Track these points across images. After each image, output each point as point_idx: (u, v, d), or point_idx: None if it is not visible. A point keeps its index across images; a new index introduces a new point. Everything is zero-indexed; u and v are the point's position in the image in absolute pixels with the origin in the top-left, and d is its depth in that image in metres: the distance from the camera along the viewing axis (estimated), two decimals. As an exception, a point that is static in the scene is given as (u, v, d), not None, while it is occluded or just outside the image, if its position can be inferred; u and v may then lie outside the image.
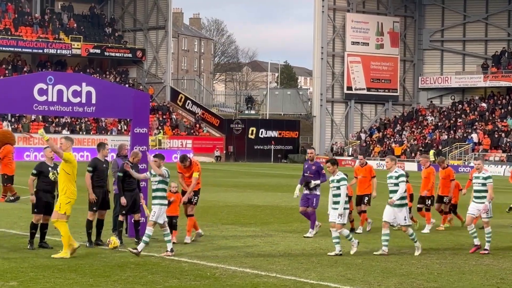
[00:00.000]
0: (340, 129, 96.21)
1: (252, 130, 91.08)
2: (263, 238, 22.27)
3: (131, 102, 22.16)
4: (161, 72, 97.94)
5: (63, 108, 21.32)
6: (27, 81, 21.23)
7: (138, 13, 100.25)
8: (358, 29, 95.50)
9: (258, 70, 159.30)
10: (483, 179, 20.40)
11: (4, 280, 15.16)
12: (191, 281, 15.71)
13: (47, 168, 19.78)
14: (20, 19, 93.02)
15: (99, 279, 15.56)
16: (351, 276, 16.66)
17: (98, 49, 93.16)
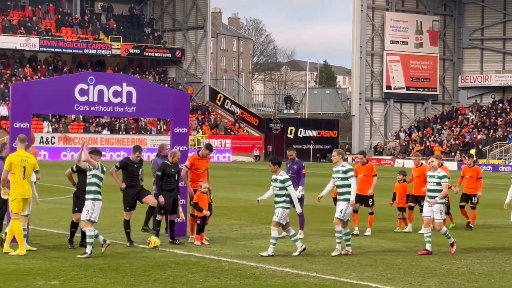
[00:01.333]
0: (379, 128, 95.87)
1: (291, 129, 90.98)
2: (302, 238, 22.26)
3: (171, 102, 22.23)
4: (200, 72, 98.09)
5: (103, 108, 21.45)
6: (68, 82, 21.39)
7: (177, 13, 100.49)
8: (397, 28, 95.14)
9: (297, 69, 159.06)
10: (438, 178, 19.86)
11: (46, 279, 15.27)
12: (231, 280, 15.73)
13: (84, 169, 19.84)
14: (61, 20, 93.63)
15: (139, 278, 15.63)
16: (391, 276, 16.60)
17: (138, 49, 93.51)
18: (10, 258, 17.71)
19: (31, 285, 14.72)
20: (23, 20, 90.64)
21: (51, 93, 20.82)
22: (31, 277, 15.50)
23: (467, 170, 26.28)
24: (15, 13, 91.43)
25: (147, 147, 71.26)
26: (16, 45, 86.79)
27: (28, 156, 18.62)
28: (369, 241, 21.86)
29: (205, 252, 19.24)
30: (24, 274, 15.76)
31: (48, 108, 22.61)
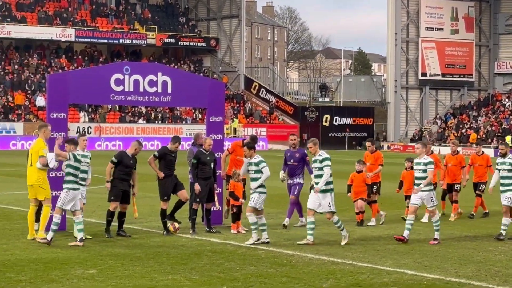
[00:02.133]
0: (415, 115, 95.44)
1: (326, 117, 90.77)
2: (370, 225, 22.36)
3: (207, 91, 22.30)
4: (235, 61, 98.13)
5: (139, 98, 21.56)
6: (104, 72, 21.51)
7: (212, 2, 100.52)
8: (432, 15, 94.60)
9: (332, 57, 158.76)
10: (424, 165, 19.47)
11: (84, 268, 15.40)
12: (268, 268, 15.77)
13: (128, 158, 19.98)
14: (96, 10, 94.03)
15: (176, 267, 15.71)
16: (427, 263, 16.57)
17: (173, 39, 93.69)
18: (49, 248, 17.86)
19: (70, 273, 14.85)
20: (58, 11, 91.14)
21: (87, 83, 20.95)
22: (70, 266, 15.64)
23: (476, 158, 25.79)
24: (50, 4, 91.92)
25: (183, 136, 71.29)
26: (52, 36, 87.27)
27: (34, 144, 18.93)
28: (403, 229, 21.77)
29: (242, 241, 19.30)
30: (62, 263, 15.90)
31: (84, 98, 22.76)
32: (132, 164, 20.04)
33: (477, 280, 14.90)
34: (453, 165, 24.63)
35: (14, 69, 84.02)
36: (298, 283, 14.31)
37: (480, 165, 25.46)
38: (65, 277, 14.53)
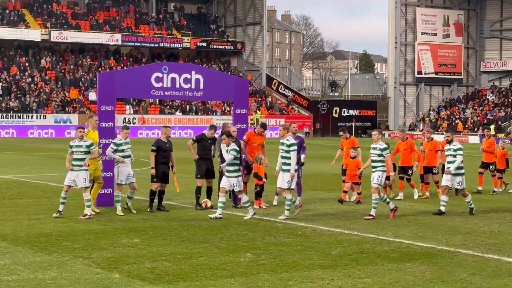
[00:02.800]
0: (412, 108, 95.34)
1: (335, 109, 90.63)
2: (346, 202, 22.20)
3: (233, 87, 22.27)
4: (258, 61, 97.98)
5: (175, 93, 21.54)
6: (145, 71, 21.51)
7: (238, 11, 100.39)
8: (427, 21, 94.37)
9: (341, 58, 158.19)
10: (379, 150, 19.00)
11: (129, 238, 15.43)
12: (285, 238, 15.76)
13: (164, 144, 19.98)
14: (140, 18, 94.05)
15: (207, 237, 15.72)
16: (422, 234, 16.51)
17: (205, 43, 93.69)
18: (99, 220, 17.92)
19: (117, 242, 14.88)
20: (107, 19, 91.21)
21: (131, 81, 20.97)
22: (116, 236, 15.68)
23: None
24: (101, 13, 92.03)
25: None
26: (102, 41, 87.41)
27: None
28: (403, 204, 21.71)
29: (263, 214, 19.28)
30: (110, 233, 15.95)
31: (129, 93, 22.75)
32: (169, 148, 20.02)
33: (464, 248, 14.83)
34: (428, 150, 23.92)
35: (70, 69, 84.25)
36: (311, 251, 14.29)
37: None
38: (112, 245, 14.56)
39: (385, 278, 11.98)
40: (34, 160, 39.01)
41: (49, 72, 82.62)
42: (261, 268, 12.57)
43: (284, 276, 11.97)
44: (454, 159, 19.71)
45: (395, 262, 13.26)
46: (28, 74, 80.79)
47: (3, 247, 14.14)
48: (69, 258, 13.15)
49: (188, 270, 12.34)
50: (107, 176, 19.95)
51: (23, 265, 12.52)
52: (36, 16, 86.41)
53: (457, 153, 19.62)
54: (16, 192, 23.61)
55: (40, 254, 13.48)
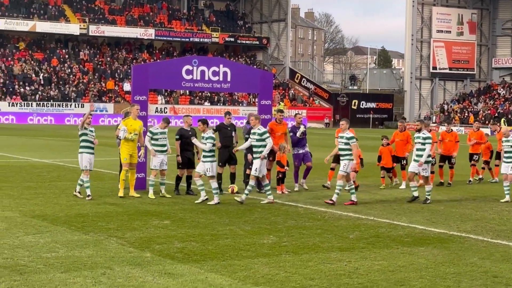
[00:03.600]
0: (427, 101, 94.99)
1: (354, 102, 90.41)
2: (362, 189, 22.15)
3: (258, 80, 22.25)
4: (282, 56, 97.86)
5: (204, 85, 21.57)
6: (177, 64, 21.54)
7: (264, 8, 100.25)
8: (442, 20, 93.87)
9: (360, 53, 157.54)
10: (346, 139, 18.53)
11: (159, 219, 15.49)
12: (305, 222, 15.75)
13: (187, 132, 19.96)
14: (172, 14, 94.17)
15: (233, 220, 15.75)
16: (434, 220, 16.44)
17: (232, 38, 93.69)
18: (132, 203, 18.00)
19: (148, 223, 14.95)
20: (142, 14, 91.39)
21: (163, 73, 21.02)
22: (148, 217, 15.75)
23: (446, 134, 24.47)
24: (136, 9, 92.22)
25: (239, 116, 71.54)
26: (136, 35, 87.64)
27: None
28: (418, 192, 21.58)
29: (285, 200, 19.28)
30: (142, 215, 16.01)
31: (161, 84, 22.79)
32: (191, 135, 19.96)
33: (474, 234, 14.75)
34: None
35: (107, 61, 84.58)
36: (329, 234, 14.27)
37: (450, 141, 24.22)
38: (144, 226, 14.62)
39: (399, 260, 11.95)
40: (72, 146, 39.24)
41: (87, 64, 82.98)
42: (283, 250, 12.58)
43: (304, 258, 11.98)
44: (423, 147, 19.17)
45: (409, 246, 13.22)
46: (68, 65, 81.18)
47: (43, 226, 14.25)
48: (104, 238, 13.23)
49: (214, 250, 12.37)
50: (140, 161, 20.01)
51: (61, 243, 12.61)
52: (76, 11, 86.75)
53: (425, 142, 19.08)
54: (56, 175, 23.77)
55: (77, 233, 13.57)
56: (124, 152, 19.08)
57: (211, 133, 18.65)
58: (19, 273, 10.41)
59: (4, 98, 71.93)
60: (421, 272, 11.15)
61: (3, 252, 11.69)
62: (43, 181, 22.17)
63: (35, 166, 26.83)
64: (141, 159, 19.91)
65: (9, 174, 23.76)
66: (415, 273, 11.08)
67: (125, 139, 18.96)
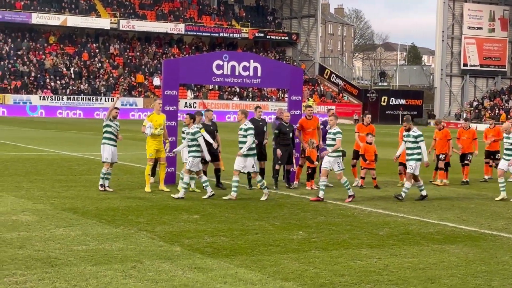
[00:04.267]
0: (457, 98, 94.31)
1: (384, 98, 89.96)
2: (393, 186, 22.04)
3: (289, 76, 22.22)
4: (311, 52, 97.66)
5: (235, 80, 21.57)
6: (207, 59, 21.58)
7: (294, 4, 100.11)
8: (473, 16, 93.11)
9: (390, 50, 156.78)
10: (333, 134, 18.21)
11: (189, 214, 15.53)
12: (335, 218, 15.70)
13: (208, 126, 19.89)
14: (202, 10, 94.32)
15: (262, 215, 15.73)
16: (465, 218, 16.32)
17: (262, 33, 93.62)
18: (161, 197, 18.06)
19: (178, 218, 14.99)
20: (172, 9, 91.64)
21: (194, 67, 21.06)
22: (178, 212, 15.79)
23: (463, 132, 24.02)
24: (166, 4, 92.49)
25: (269, 111, 71.47)
26: (166, 30, 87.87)
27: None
28: (448, 190, 21.49)
29: (315, 195, 19.22)
30: (172, 210, 16.06)
31: (192, 79, 22.81)
32: (213, 130, 19.91)
33: (506, 232, 14.62)
34: (439, 139, 22.96)
35: (137, 56, 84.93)
36: (359, 230, 14.22)
37: (468, 138, 23.79)
38: (174, 220, 14.66)
39: (430, 258, 11.88)
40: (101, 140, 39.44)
41: (117, 58, 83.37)
42: (312, 246, 12.55)
43: (334, 254, 11.94)
44: (416, 145, 18.74)
45: (439, 244, 13.14)
46: (98, 59, 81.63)
47: (74, 219, 14.35)
48: (135, 231, 13.28)
49: (244, 245, 12.38)
50: (170, 155, 20.05)
51: (92, 236, 12.68)
52: (106, 6, 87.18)
53: (418, 140, 18.70)
54: (86, 169, 23.91)
55: (108, 227, 13.64)
56: (150, 147, 19.13)
57: (196, 129, 18.31)
58: (50, 265, 10.49)
59: (35, 92, 72.49)
60: (452, 270, 11.08)
61: (35, 245, 11.79)
62: (73, 174, 22.32)
63: (65, 159, 27.02)
64: (168, 153, 19.88)
65: (40, 167, 23.95)
66: (445, 271, 11.01)
67: (152, 135, 19.02)
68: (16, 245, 11.69)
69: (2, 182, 19.70)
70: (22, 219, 14.14)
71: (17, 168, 23.36)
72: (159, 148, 19.19)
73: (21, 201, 16.41)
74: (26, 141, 35.41)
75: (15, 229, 13.09)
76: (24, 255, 11.06)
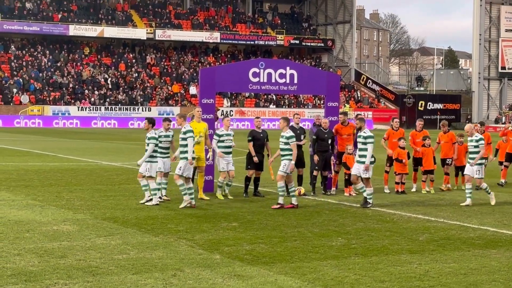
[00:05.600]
0: (495, 102, 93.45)
1: (421, 103, 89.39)
2: (432, 191, 21.89)
3: (325, 82, 22.19)
4: (347, 58, 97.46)
5: (271, 87, 21.58)
6: (243, 67, 21.63)
7: (329, 10, 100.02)
8: (510, 19, 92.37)
9: (426, 54, 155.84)
10: (286, 138, 17.66)
11: (228, 222, 15.55)
12: (374, 224, 15.63)
13: (258, 134, 20.02)
14: (237, 18, 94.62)
15: (301, 222, 15.71)
16: (506, 222, 16.14)
17: (297, 40, 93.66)
18: (200, 205, 18.10)
19: (217, 225, 15.02)
20: (207, 18, 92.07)
21: (231, 76, 21.12)
22: (217, 219, 15.82)
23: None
24: (201, 13, 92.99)
25: (305, 118, 71.39)
26: (202, 38, 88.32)
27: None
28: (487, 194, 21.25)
29: (353, 201, 19.17)
30: (211, 218, 16.10)
31: (228, 87, 22.88)
32: (263, 137, 20.00)
33: (548, 237, 14.43)
34: (445, 142, 22.69)
35: (173, 65, 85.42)
36: (399, 236, 14.13)
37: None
38: (213, 228, 14.70)
39: (471, 263, 11.76)
40: (139, 149, 39.71)
41: (153, 68, 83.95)
42: (352, 252, 12.50)
43: (374, 260, 11.88)
44: (364, 146, 18.28)
45: (480, 249, 13.01)
46: (135, 69, 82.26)
47: (114, 228, 14.45)
48: (174, 240, 13.34)
49: (283, 252, 12.36)
50: (207, 164, 20.13)
51: (132, 245, 12.76)
52: (142, 16, 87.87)
53: (367, 141, 18.18)
54: (125, 178, 24.08)
55: (147, 236, 13.71)
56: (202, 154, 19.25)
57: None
58: (91, 274, 10.58)
59: (73, 103, 73.23)
60: (494, 275, 10.96)
61: (76, 254, 11.90)
62: (112, 184, 22.49)
63: (104, 169, 27.23)
64: (209, 162, 20.01)
65: (80, 177, 24.18)
66: (487, 276, 10.89)
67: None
68: (58, 255, 11.81)
69: (43, 192, 19.92)
70: (63, 229, 14.28)
71: (57, 178, 23.61)
72: (199, 157, 19.26)
73: (61, 211, 16.58)
74: (65, 151, 35.77)
75: (56, 238, 13.23)
76: (66, 264, 11.16)
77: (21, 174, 24.68)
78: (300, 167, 20.53)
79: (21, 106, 70.95)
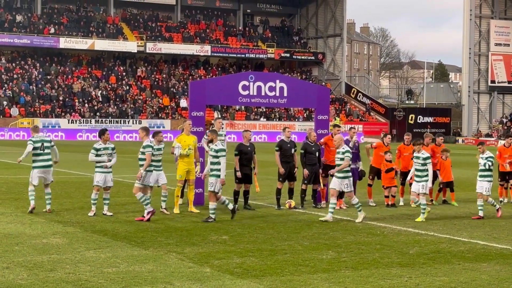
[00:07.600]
0: (485, 115, 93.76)
1: (411, 116, 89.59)
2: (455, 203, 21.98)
3: (315, 95, 22.20)
4: (338, 71, 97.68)
5: (261, 100, 21.58)
6: (233, 80, 21.64)
7: (319, 24, 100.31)
8: (500, 33, 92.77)
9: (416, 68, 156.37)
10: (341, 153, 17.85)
11: (218, 235, 15.52)
12: (364, 237, 15.62)
13: (246, 147, 20.00)
14: (228, 31, 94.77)
15: (291, 235, 15.70)
16: (496, 236, 16.16)
17: (288, 54, 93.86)
18: (190, 219, 18.07)
19: (207, 238, 14.98)
20: (198, 31, 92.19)
21: (220, 88, 21.12)
22: (207, 232, 15.79)
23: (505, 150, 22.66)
24: (192, 26, 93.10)
25: (295, 131, 71.42)
26: (193, 52, 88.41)
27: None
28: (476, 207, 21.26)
29: (343, 215, 19.16)
30: (201, 230, 16.07)
31: (218, 100, 22.86)
32: (250, 151, 20.01)
33: (538, 250, 14.45)
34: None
35: (163, 78, 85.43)
36: (389, 249, 14.13)
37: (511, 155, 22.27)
38: (203, 241, 14.67)
39: (461, 276, 11.77)
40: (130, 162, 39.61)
41: (144, 81, 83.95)
42: (342, 265, 12.49)
43: (364, 273, 11.87)
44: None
45: (470, 262, 13.01)
46: (125, 82, 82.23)
47: (104, 241, 14.40)
48: (164, 253, 13.30)
49: (273, 265, 12.34)
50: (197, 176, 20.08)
51: (122, 258, 12.71)
52: (133, 29, 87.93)
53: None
54: (115, 191, 23.95)
55: (137, 249, 13.67)
56: (181, 169, 19.19)
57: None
58: (81, 287, 10.52)
59: (63, 116, 73.08)
60: (484, 289, 10.96)
61: (65, 267, 11.85)
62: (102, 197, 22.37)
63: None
64: (197, 174, 19.96)
65: (69, 189, 24.10)
66: (477, 290, 10.89)
67: (180, 155, 19.07)
68: (47, 268, 11.75)
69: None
70: (52, 242, 14.22)
71: (46, 191, 23.47)
72: (189, 169, 19.24)
73: (51, 224, 16.51)
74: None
75: (46, 252, 13.17)
76: (55, 278, 11.11)
77: (10, 187, 24.60)
78: (292, 181, 20.53)
79: (11, 119, 70.73)
